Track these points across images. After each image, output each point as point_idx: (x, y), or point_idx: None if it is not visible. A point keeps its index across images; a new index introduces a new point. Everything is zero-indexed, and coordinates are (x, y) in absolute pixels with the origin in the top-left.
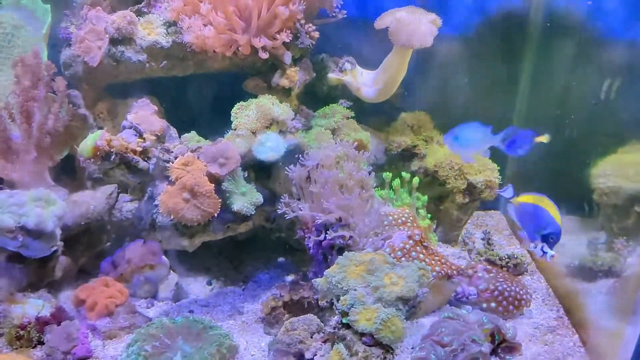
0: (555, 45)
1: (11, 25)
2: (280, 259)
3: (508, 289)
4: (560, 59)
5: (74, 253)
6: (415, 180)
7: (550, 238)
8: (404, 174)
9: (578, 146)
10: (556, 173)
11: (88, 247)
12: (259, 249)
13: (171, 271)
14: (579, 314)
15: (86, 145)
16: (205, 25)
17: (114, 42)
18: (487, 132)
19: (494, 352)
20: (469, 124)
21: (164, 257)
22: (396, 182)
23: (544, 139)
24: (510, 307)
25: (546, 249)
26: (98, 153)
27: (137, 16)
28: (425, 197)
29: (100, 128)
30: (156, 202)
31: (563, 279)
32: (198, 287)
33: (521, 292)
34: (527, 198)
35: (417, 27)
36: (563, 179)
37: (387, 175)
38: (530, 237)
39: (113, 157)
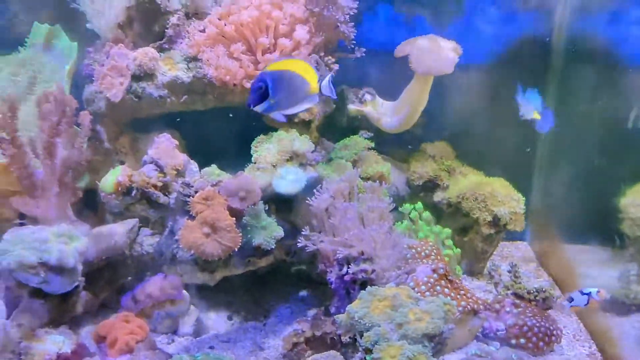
0: (578, 73)
1: (40, 63)
2: (302, 293)
3: (537, 324)
4: (584, 87)
5: (95, 288)
6: (426, 214)
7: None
8: (416, 206)
9: (606, 175)
10: (584, 203)
11: (109, 282)
12: (280, 282)
13: (192, 306)
14: (612, 349)
15: (107, 181)
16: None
17: (135, 78)
18: None
19: None
20: None
21: (184, 291)
22: (414, 215)
23: None
24: (540, 343)
25: (586, 289)
26: (119, 188)
27: (158, 52)
28: (449, 230)
29: (122, 162)
30: (177, 237)
31: (594, 313)
32: (219, 322)
33: (551, 327)
34: None
35: (438, 54)
36: (591, 209)
37: (405, 207)
38: None
39: (134, 192)
